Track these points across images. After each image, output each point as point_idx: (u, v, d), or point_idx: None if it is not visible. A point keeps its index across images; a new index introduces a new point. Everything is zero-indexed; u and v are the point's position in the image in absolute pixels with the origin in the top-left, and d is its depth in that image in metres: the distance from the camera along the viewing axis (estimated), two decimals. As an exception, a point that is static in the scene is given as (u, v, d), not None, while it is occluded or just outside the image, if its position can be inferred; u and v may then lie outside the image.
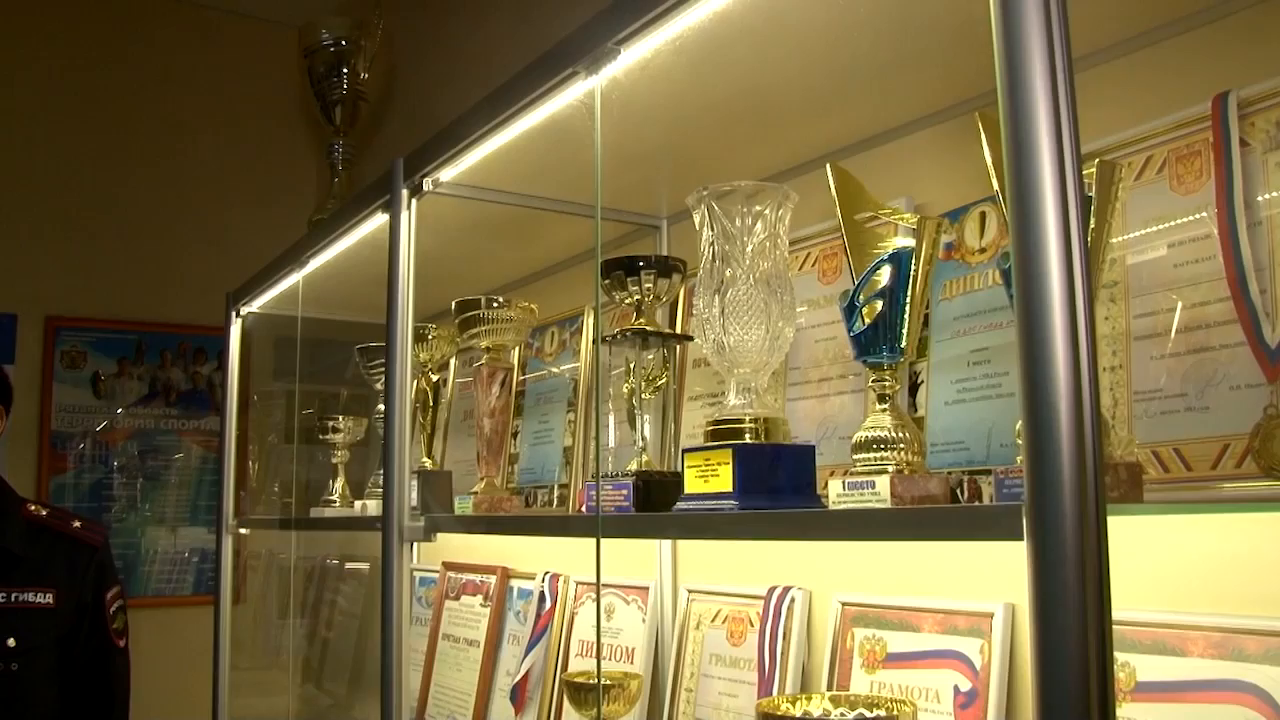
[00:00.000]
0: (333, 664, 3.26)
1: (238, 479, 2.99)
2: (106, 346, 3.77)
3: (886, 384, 1.24)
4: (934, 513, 1.06)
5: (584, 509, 1.53)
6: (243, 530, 2.97)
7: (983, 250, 1.49)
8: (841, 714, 1.16)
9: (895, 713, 1.14)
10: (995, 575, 1.44)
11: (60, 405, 3.68)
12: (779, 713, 1.16)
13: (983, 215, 1.50)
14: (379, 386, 2.40)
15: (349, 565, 3.36)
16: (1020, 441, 1.12)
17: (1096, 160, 1.14)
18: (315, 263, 2.48)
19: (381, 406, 2.08)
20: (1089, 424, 0.78)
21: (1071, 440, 0.78)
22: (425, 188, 1.86)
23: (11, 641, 2.50)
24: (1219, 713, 1.15)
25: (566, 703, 2.05)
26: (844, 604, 1.60)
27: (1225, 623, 1.17)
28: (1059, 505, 0.78)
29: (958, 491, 1.39)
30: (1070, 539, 0.77)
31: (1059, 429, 0.78)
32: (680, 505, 1.33)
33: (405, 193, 1.87)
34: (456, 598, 2.59)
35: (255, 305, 2.91)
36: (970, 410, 1.44)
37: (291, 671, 3.07)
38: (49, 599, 2.58)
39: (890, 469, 1.17)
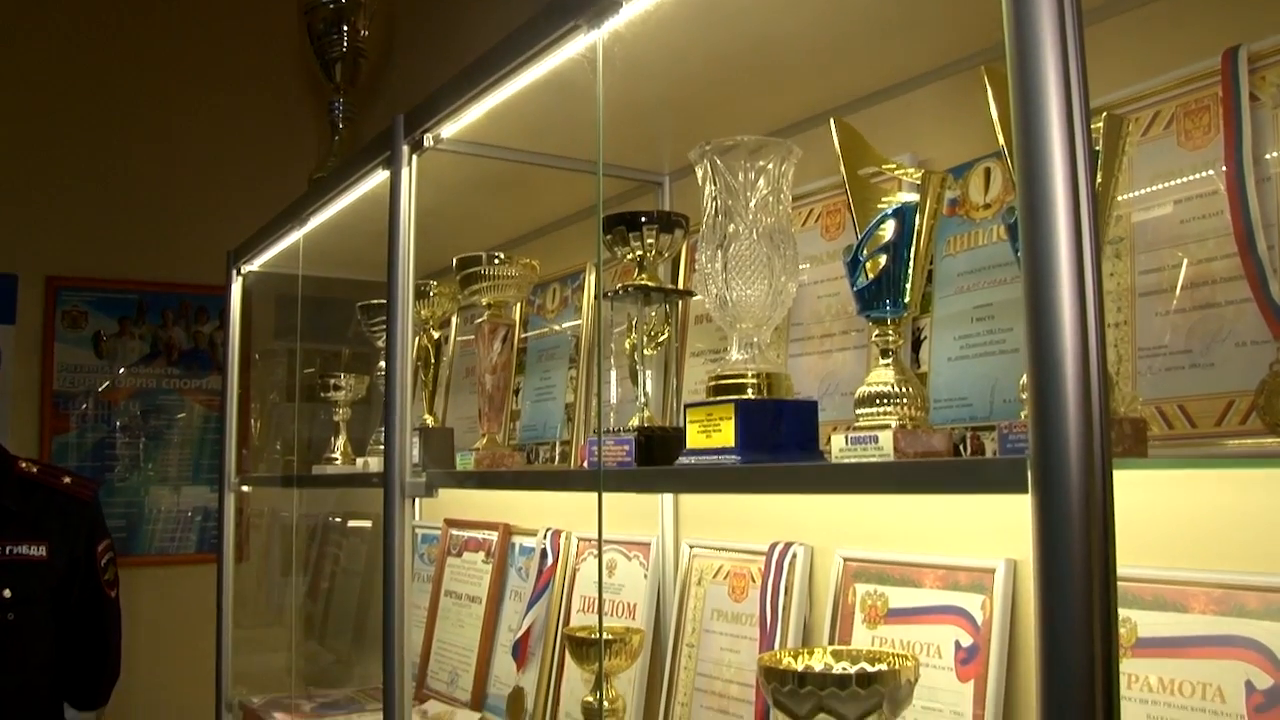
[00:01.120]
0: (335, 621, 3.28)
1: (240, 437, 2.99)
2: (107, 306, 3.76)
3: (889, 339, 1.23)
4: (937, 466, 1.05)
5: (586, 464, 1.52)
6: (245, 488, 2.97)
7: (987, 206, 1.48)
8: (843, 668, 1.16)
9: (897, 667, 1.14)
10: (997, 531, 1.44)
11: (62, 365, 3.67)
12: (781, 667, 1.17)
13: (987, 171, 1.49)
14: (380, 344, 2.39)
15: (351, 523, 3.37)
16: (1024, 396, 1.12)
17: (1104, 113, 1.13)
18: (316, 221, 2.47)
19: (383, 364, 2.08)
20: (1095, 376, 0.78)
21: (1078, 392, 0.77)
22: (426, 144, 1.84)
23: (7, 593, 2.54)
24: (1219, 668, 1.15)
25: (568, 658, 2.06)
26: (846, 559, 1.60)
27: (1226, 579, 1.17)
28: (1064, 458, 0.78)
29: (960, 447, 1.39)
30: (1075, 492, 0.77)
31: (1064, 381, 0.78)
32: (682, 460, 1.33)
33: (406, 149, 1.86)
34: (458, 554, 2.61)
35: (256, 264, 2.90)
36: (973, 366, 1.44)
37: (294, 628, 3.09)
38: (42, 551, 2.63)
39: (893, 424, 1.16)
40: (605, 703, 1.51)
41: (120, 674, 2.90)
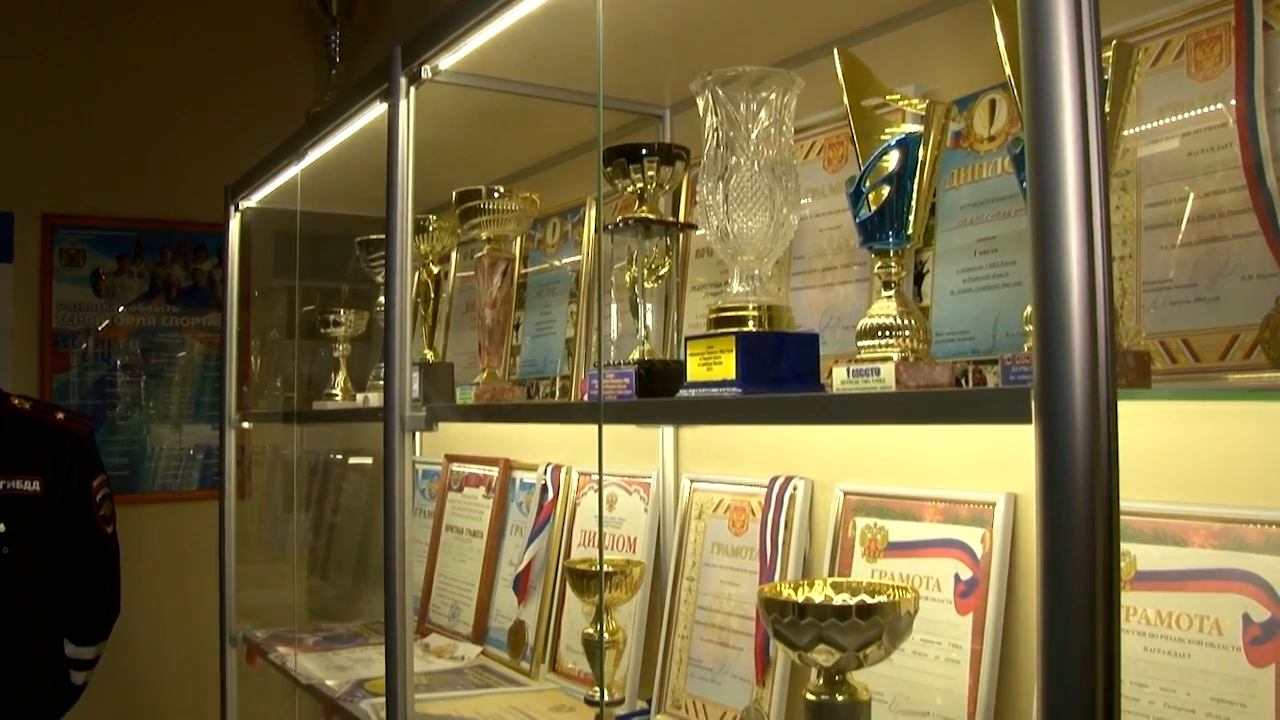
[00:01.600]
0: (338, 556, 3.30)
1: (240, 374, 2.99)
2: (105, 244, 3.74)
3: (892, 270, 1.22)
4: (940, 397, 1.05)
5: (586, 398, 1.52)
6: (245, 424, 2.98)
7: (991, 139, 1.47)
8: (843, 600, 1.17)
9: (896, 599, 1.15)
10: (998, 465, 1.44)
11: (61, 304, 3.66)
12: (781, 598, 1.17)
13: (993, 103, 1.47)
14: (379, 279, 2.38)
15: (353, 460, 3.38)
16: (1029, 329, 1.12)
17: (1114, 42, 1.11)
18: (313, 155, 2.44)
19: (382, 300, 2.07)
20: (1101, 305, 0.77)
21: (1083, 322, 0.77)
22: (424, 76, 1.82)
23: (1, 527, 2.56)
24: (1217, 601, 1.16)
25: (569, 590, 2.08)
26: (846, 493, 1.61)
27: (1227, 513, 1.17)
28: (1068, 388, 0.77)
29: (962, 381, 1.38)
30: (1079, 422, 0.77)
31: (1070, 310, 0.77)
32: (683, 393, 1.32)
33: (404, 81, 1.83)
34: (459, 490, 2.61)
35: (254, 199, 2.88)
36: (976, 300, 1.43)
37: (297, 564, 3.11)
38: (36, 486, 2.65)
39: (895, 356, 1.16)
40: (606, 634, 1.52)
41: (120, 610, 2.93)
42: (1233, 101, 1.17)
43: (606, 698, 1.50)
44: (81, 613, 2.84)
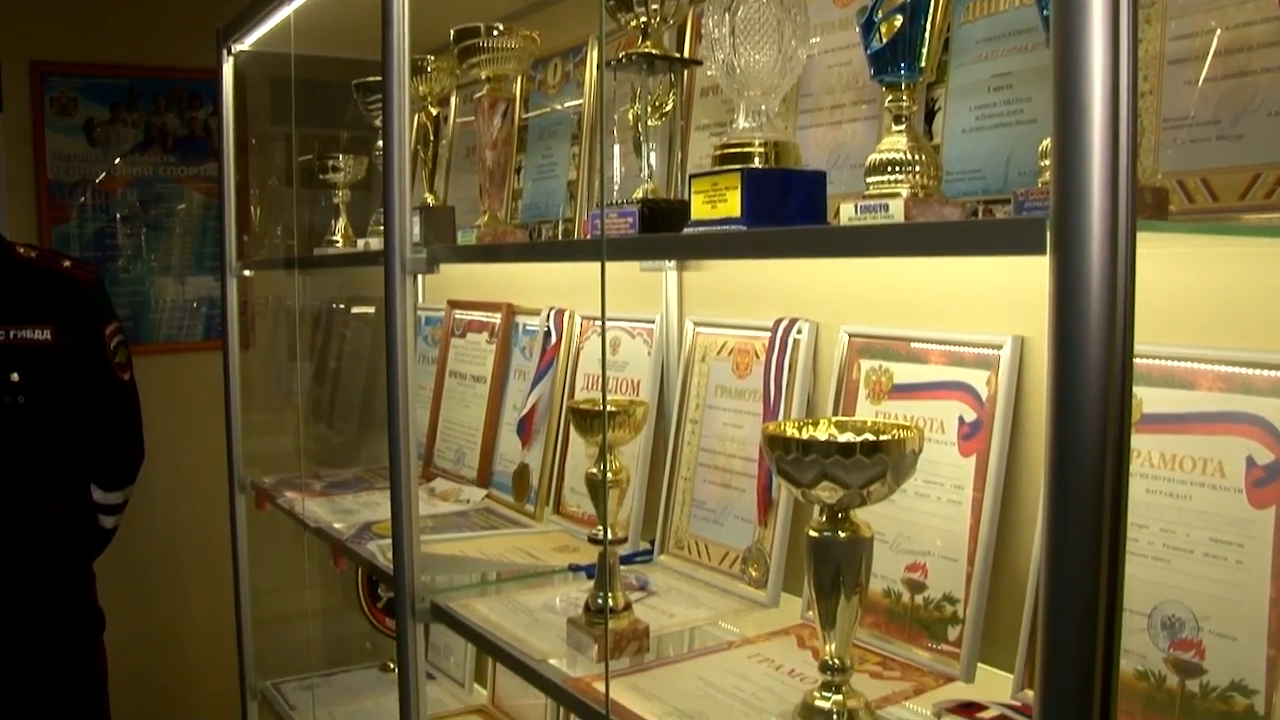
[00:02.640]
0: (342, 404, 3.33)
1: (240, 223, 2.96)
2: (97, 93, 3.66)
3: (903, 104, 1.18)
4: (951, 227, 1.03)
5: (589, 238, 1.50)
6: (247, 273, 2.96)
7: (1010, -30, 1.40)
8: (848, 439, 1.16)
9: (901, 437, 1.14)
10: (1005, 307, 1.43)
11: (55, 154, 3.60)
12: (785, 435, 1.17)
13: (1013, -70, 1.41)
14: (378, 124, 2.33)
15: (355, 309, 3.37)
16: (1044, 163, 1.09)
17: None
18: (307, -7, 2.36)
19: (381, 145, 2.03)
20: (1125, 128, 0.74)
21: (1105, 144, 0.74)
22: (419, -96, 1.74)
23: (15, 376, 2.57)
24: (1221, 444, 1.16)
25: (572, 431, 2.09)
26: (851, 336, 1.60)
27: (1235, 355, 1.16)
28: (1086, 217, 0.74)
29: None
30: (1097, 252, 0.74)
31: (1091, 136, 0.74)
32: (687, 231, 1.30)
33: (398, -90, 1.75)
34: (462, 335, 2.61)
35: (247, 43, 2.80)
36: (989, 138, 1.39)
37: (302, 413, 3.13)
38: (47, 335, 2.64)
39: (904, 192, 1.13)
40: (609, 474, 1.53)
41: (145, 456, 2.97)
42: (1269, -76, 1.11)
43: (610, 536, 1.52)
44: (105, 459, 2.88)
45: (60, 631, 2.71)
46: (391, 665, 2.81)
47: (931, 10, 1.17)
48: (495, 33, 1.91)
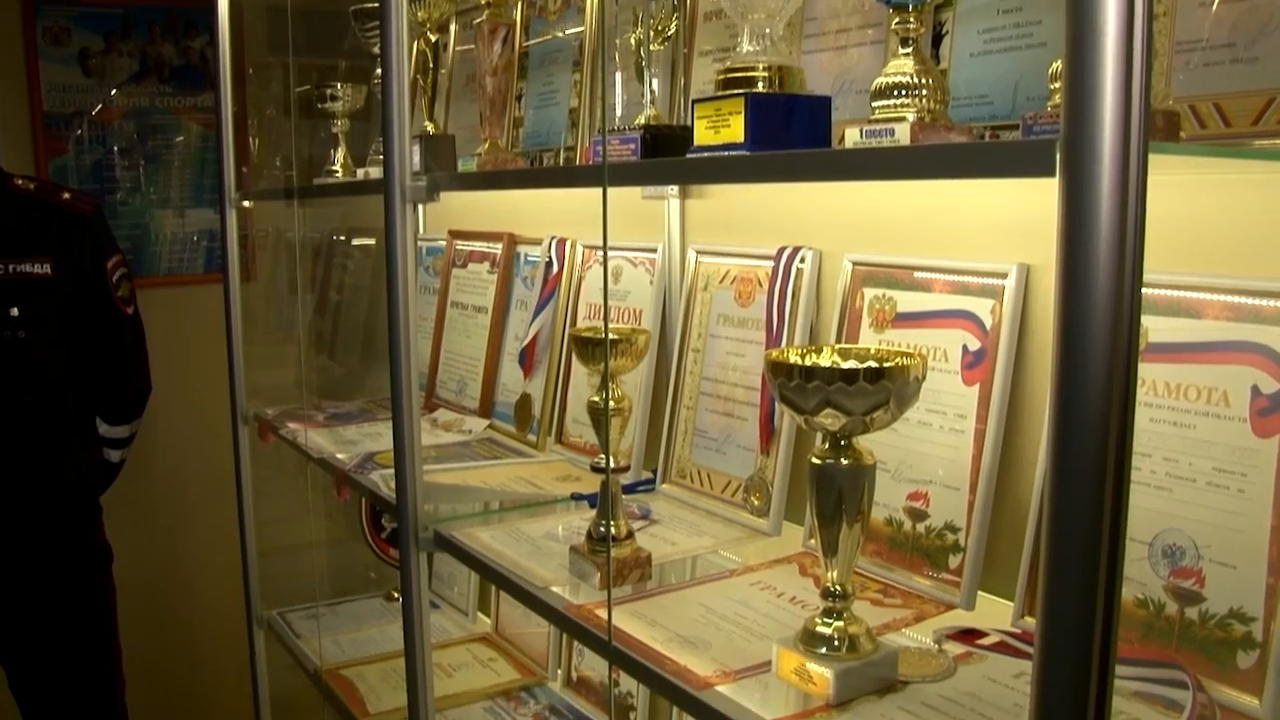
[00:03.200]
0: (344, 336, 3.32)
1: (238, 154, 2.92)
2: (91, 22, 3.60)
3: (910, 26, 1.16)
4: (959, 149, 1.01)
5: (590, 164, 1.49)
6: (246, 204, 2.93)
7: (1023, -113, 1.37)
8: (851, 366, 1.16)
9: (905, 364, 1.13)
10: (1010, 236, 1.42)
11: (49, 85, 3.55)
12: (788, 362, 1.16)
13: None
14: (376, 51, 2.30)
15: (356, 240, 3.36)
16: (1054, 85, 1.07)
17: None
18: (301, -86, 2.32)
19: (380, 72, 2.00)
20: (1139, 44, 0.72)
21: (1118, 67, 0.72)
22: None
23: (15, 311, 2.55)
24: (1227, 373, 1.15)
25: (574, 361, 2.08)
26: (855, 264, 1.58)
27: (1244, 285, 1.15)
28: (1098, 138, 0.73)
29: (980, 145, 1.34)
30: (1108, 174, 0.73)
31: (1104, 54, 0.72)
32: (690, 156, 1.29)
33: None
34: (463, 266, 2.60)
35: (241, -34, 2.76)
36: (997, 62, 1.36)
37: (303, 345, 3.12)
38: (46, 269, 2.62)
39: (910, 117, 1.11)
40: (611, 402, 1.52)
41: (152, 388, 2.96)
42: None
43: (612, 465, 1.52)
44: (110, 394, 2.87)
45: (68, 565, 2.73)
46: (395, 594, 2.83)
47: (940, -70, 1.14)
48: (495, -45, 1.88)
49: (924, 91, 1.12)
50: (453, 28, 2.68)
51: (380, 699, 2.31)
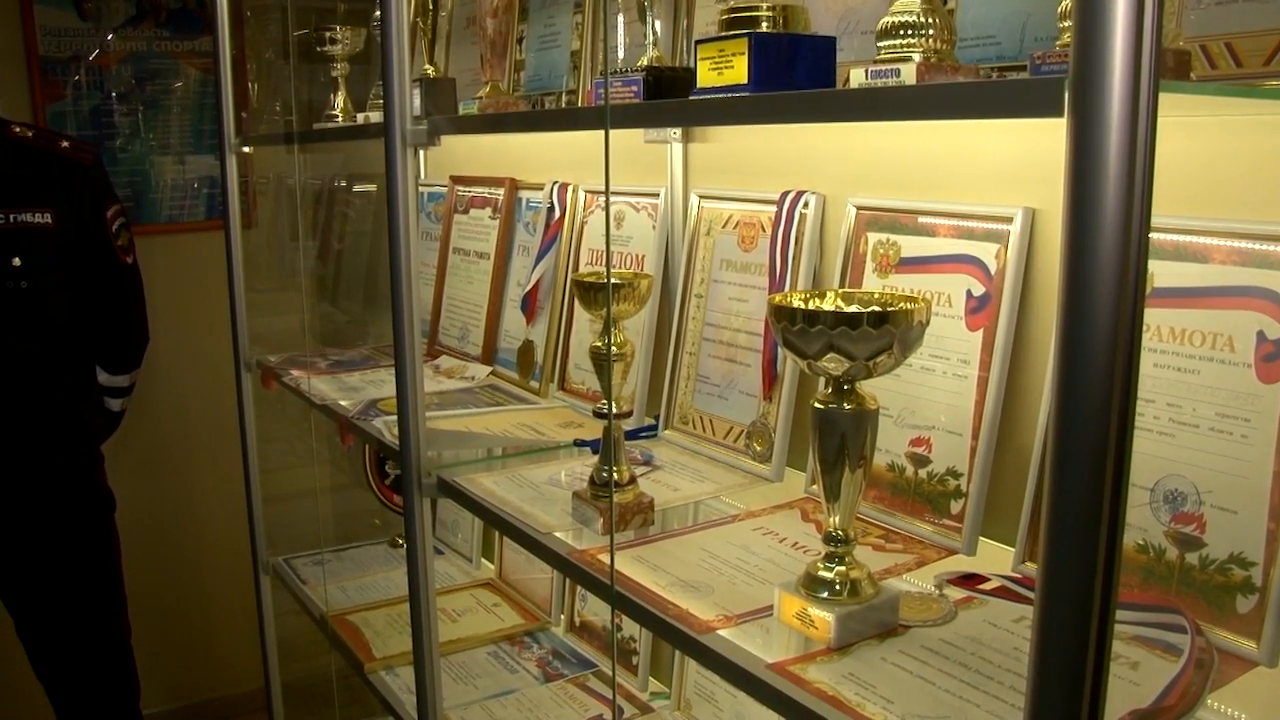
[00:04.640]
0: (346, 283, 3.31)
1: (237, 99, 2.90)
2: (84, -39, 3.56)
3: (918, -36, 1.14)
4: (965, 88, 0.99)
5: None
6: (246, 149, 2.91)
7: None
8: (854, 310, 1.15)
9: (908, 308, 1.13)
10: (1015, 180, 1.40)
11: (44, 28, 3.50)
12: (791, 306, 1.15)
13: None
14: (375, -9, 2.27)
15: (357, 186, 3.34)
16: (1064, 24, 1.05)
17: None
18: None
19: (379, 14, 1.97)
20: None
21: (1130, 3, 0.70)
22: None
23: (16, 261, 2.54)
24: (1232, 318, 1.14)
25: (577, 306, 2.08)
26: (858, 208, 1.57)
27: (1250, 229, 1.14)
28: (1107, 76, 0.71)
29: (986, 87, 1.32)
30: (1117, 113, 0.71)
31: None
32: (693, 97, 1.27)
33: None
34: (465, 211, 2.58)
35: (239, -93, 2.72)
36: (1005, 2, 1.34)
37: (305, 292, 3.12)
38: (47, 218, 2.60)
39: (916, 57, 1.09)
40: (614, 348, 1.52)
41: (150, 338, 2.96)
42: None
43: (614, 411, 1.51)
44: (110, 343, 2.87)
45: (71, 513, 2.74)
46: (400, 541, 2.85)
47: None
48: (495, -106, 1.85)
49: (930, 31, 1.11)
50: (453, -30, 2.65)
51: (386, 644, 2.33)
